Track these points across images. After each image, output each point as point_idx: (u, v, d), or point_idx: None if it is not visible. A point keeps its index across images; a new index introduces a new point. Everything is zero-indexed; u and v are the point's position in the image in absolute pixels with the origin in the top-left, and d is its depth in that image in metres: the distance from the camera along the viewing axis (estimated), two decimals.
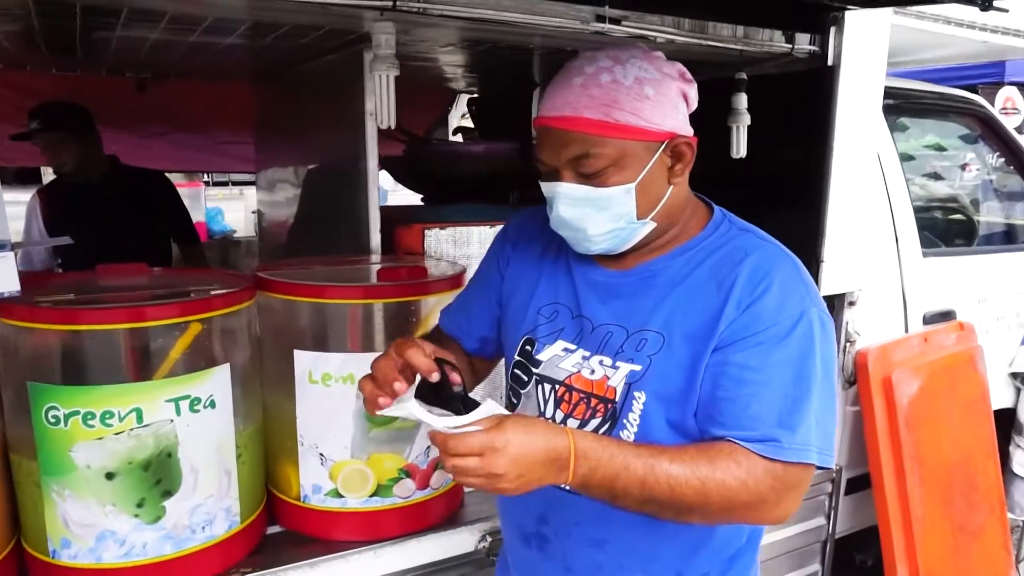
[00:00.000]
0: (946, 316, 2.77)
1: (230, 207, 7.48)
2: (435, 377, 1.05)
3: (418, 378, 1.07)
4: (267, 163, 3.26)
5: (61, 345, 1.36)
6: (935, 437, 2.46)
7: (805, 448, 1.04)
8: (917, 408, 2.39)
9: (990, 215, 3.63)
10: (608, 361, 1.15)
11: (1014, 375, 3.07)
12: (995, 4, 1.56)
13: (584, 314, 1.20)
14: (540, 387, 1.22)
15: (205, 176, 7.84)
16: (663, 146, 1.10)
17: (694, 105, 1.15)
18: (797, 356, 1.06)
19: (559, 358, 1.21)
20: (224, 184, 12.20)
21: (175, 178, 3.88)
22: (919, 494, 2.37)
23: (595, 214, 1.11)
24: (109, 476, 1.37)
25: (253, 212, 6.83)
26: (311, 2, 1.46)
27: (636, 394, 1.12)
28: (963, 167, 4.77)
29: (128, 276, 1.65)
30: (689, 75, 1.14)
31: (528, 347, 1.24)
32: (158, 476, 1.40)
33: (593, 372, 1.16)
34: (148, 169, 3.13)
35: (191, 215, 3.29)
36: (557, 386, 1.20)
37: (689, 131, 1.13)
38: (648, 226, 1.15)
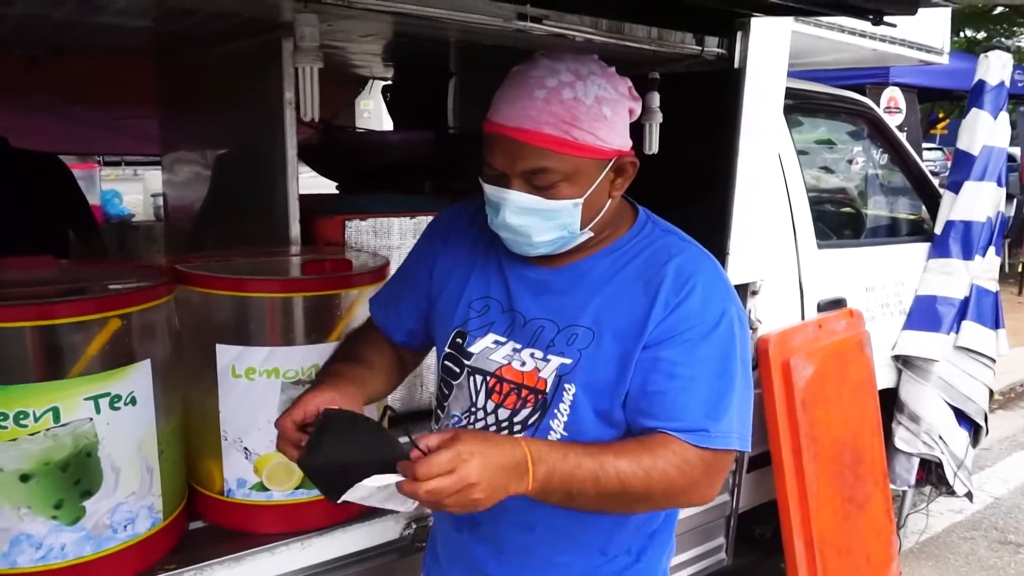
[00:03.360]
0: (838, 304, 2.96)
1: (128, 189, 7.14)
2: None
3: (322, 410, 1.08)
4: (174, 145, 3.13)
5: None
6: (827, 417, 2.64)
7: (728, 435, 1.13)
8: (812, 390, 2.56)
9: (876, 209, 3.89)
10: (539, 354, 1.20)
11: (896, 358, 3.31)
12: (885, 20, 1.69)
13: (516, 308, 1.24)
14: (472, 378, 1.26)
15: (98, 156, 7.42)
16: (611, 163, 1.15)
17: (635, 118, 1.19)
18: (720, 352, 1.14)
19: (490, 350, 1.25)
20: (117, 164, 11.50)
21: (67, 158, 3.65)
22: (814, 470, 2.54)
23: (541, 223, 1.14)
24: (24, 478, 1.32)
25: (154, 195, 6.55)
26: None
27: (567, 386, 1.18)
28: (850, 161, 5.08)
29: (35, 269, 1.57)
30: (635, 92, 1.18)
31: (459, 340, 1.28)
32: (77, 476, 1.36)
33: (524, 364, 1.21)
34: (41, 152, 2.93)
35: (87, 199, 3.11)
36: (488, 377, 1.24)
37: (630, 145, 1.18)
38: (586, 235, 1.20)
